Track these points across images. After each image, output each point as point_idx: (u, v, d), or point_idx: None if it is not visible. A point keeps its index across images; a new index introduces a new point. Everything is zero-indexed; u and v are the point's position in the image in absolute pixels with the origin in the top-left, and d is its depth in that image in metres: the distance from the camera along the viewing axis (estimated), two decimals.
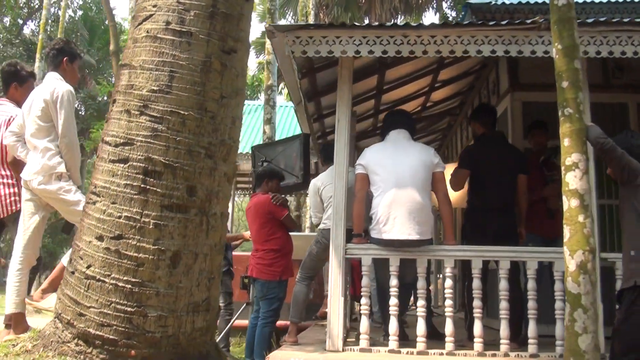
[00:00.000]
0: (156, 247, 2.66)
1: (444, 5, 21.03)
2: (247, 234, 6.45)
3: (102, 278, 2.60)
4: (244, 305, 5.93)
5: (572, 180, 3.32)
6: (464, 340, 4.44)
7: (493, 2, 6.07)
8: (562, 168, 3.38)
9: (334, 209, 4.34)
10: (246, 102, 12.01)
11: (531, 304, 4.15)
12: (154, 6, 2.78)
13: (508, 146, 4.90)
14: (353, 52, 4.14)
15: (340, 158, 4.40)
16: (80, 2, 27.20)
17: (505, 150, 4.76)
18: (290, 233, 5.57)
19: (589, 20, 4.23)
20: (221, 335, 6.22)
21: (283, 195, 5.57)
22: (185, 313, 2.72)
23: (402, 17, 20.71)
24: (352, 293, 6.07)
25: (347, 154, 4.41)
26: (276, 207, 5.24)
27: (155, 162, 2.70)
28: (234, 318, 6.17)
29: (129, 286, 2.56)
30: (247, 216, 5.68)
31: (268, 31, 4.24)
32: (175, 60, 2.74)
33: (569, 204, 3.33)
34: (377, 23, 3.93)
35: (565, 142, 3.38)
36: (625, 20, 4.27)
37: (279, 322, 5.58)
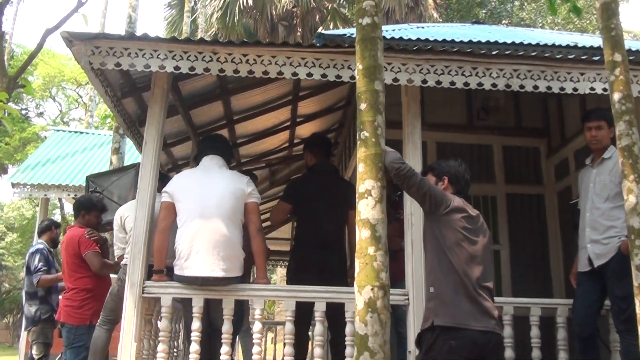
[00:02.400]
0: None
1: None
2: None
3: None
4: (59, 356, 5.40)
5: (364, 209, 3.15)
6: None
7: (347, 35, 6.06)
8: (357, 196, 3.23)
9: (132, 242, 4.01)
10: (99, 133, 11.57)
11: (349, 351, 3.94)
12: None
13: (338, 179, 4.79)
14: (157, 67, 3.90)
15: (144, 184, 4.11)
16: None
17: (334, 183, 4.63)
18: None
19: (414, 48, 4.21)
20: None
21: (105, 234, 5.19)
22: None
23: None
24: None
25: (153, 181, 4.12)
26: (84, 241, 4.84)
27: None
28: None
29: None
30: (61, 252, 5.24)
31: (64, 38, 3.94)
32: None
33: (360, 235, 3.16)
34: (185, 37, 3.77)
35: (360, 168, 3.23)
36: (454, 49, 4.28)
37: None
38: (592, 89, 4.18)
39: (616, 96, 3.48)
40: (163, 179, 4.80)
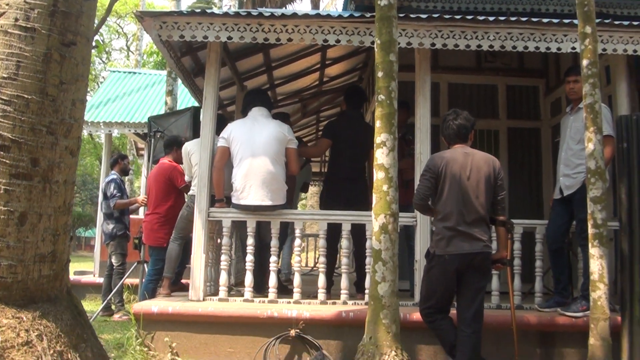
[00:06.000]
0: (6, 208, 3.20)
1: None
2: (140, 198, 7.02)
3: None
4: (135, 264, 6.49)
5: (380, 156, 4.02)
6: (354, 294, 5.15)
7: None
8: (374, 146, 4.07)
9: (198, 177, 4.95)
10: (152, 73, 12.34)
11: (368, 260, 4.86)
12: (7, 5, 3.27)
13: (364, 123, 5.61)
14: (213, 38, 4.69)
15: (205, 132, 4.98)
16: None
17: (360, 126, 5.45)
18: None
19: (423, 16, 4.88)
20: (113, 291, 6.81)
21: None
22: (32, 263, 3.25)
23: None
24: None
25: (212, 128, 4.98)
26: (178, 175, 5.89)
27: (4, 138, 3.22)
28: (126, 276, 6.76)
29: None
30: (148, 180, 6.24)
31: (137, 16, 4.74)
32: (21, 52, 3.22)
33: (377, 176, 4.03)
34: (243, 10, 4.37)
35: (377, 124, 4.06)
36: (457, 17, 4.95)
37: None
38: (573, 48, 4.83)
39: (585, 62, 4.18)
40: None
